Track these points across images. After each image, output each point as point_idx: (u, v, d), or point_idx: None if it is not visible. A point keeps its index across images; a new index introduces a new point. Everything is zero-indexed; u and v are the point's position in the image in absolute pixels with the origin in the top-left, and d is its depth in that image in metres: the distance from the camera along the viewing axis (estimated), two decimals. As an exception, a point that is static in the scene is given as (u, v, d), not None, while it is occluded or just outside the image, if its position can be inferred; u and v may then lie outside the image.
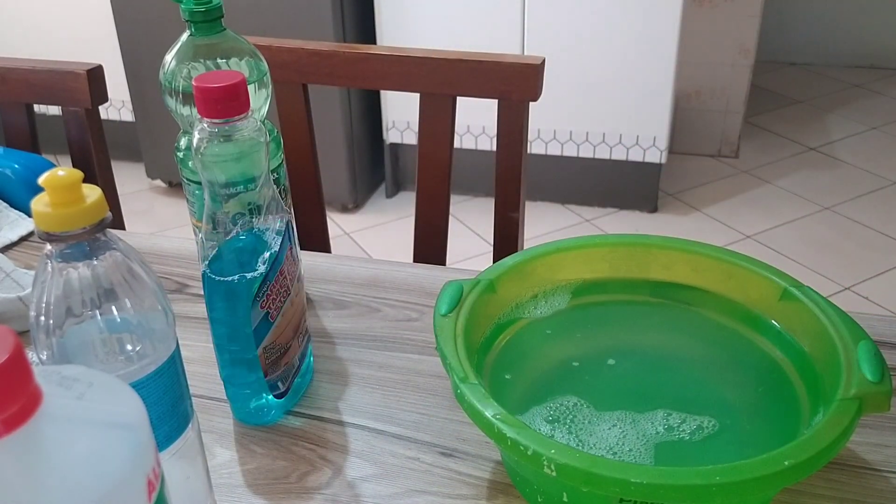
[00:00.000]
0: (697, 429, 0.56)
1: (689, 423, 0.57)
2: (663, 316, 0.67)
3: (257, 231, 0.59)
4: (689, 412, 0.57)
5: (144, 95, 2.42)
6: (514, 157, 1.00)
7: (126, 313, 0.45)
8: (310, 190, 1.08)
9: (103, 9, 2.38)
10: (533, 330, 0.65)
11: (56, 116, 1.07)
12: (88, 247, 0.43)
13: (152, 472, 0.34)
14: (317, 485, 0.59)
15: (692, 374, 0.63)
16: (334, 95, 2.23)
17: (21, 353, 0.29)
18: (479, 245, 2.25)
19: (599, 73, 2.21)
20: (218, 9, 0.64)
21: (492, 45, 2.17)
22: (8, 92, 1.05)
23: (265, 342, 0.60)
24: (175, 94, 0.65)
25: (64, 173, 0.41)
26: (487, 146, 2.36)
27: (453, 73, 0.97)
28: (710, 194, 2.51)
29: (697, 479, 0.45)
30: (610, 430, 0.57)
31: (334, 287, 0.82)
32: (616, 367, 0.63)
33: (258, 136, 0.56)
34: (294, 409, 0.66)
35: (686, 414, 0.57)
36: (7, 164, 0.95)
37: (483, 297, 0.62)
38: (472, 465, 0.60)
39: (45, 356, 0.44)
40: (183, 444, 0.50)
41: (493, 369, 0.61)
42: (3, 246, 0.88)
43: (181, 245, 0.89)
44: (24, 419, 0.29)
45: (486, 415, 0.50)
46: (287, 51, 1.01)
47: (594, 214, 2.44)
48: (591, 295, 0.68)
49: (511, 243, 1.04)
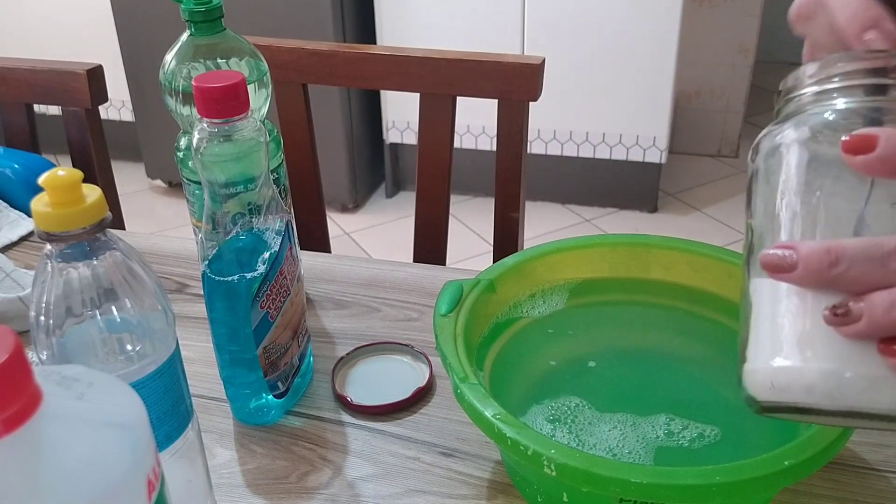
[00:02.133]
0: (699, 436, 0.56)
1: (691, 430, 0.56)
2: (663, 316, 0.67)
3: (257, 231, 0.59)
4: (693, 419, 0.57)
5: (144, 95, 2.42)
6: (514, 157, 1.00)
7: (126, 313, 0.45)
8: (310, 190, 1.08)
9: (103, 9, 2.38)
10: (532, 330, 0.65)
11: (56, 116, 1.07)
12: (88, 247, 0.43)
13: (152, 472, 0.34)
14: (317, 485, 0.59)
15: (692, 375, 0.63)
16: (334, 95, 2.23)
17: (21, 353, 0.29)
18: (479, 245, 2.25)
19: (599, 73, 2.21)
20: (218, 9, 0.64)
21: (492, 45, 2.17)
22: (8, 92, 1.05)
23: (265, 342, 0.60)
24: (175, 94, 0.65)
25: (64, 173, 0.41)
26: (487, 146, 2.36)
27: (453, 73, 0.97)
28: (710, 194, 2.51)
29: (697, 479, 0.45)
30: (610, 431, 0.57)
31: (334, 287, 0.82)
32: (617, 368, 0.63)
33: (258, 136, 0.56)
34: (294, 409, 0.66)
35: (689, 420, 0.57)
36: (7, 164, 0.95)
37: (483, 297, 0.62)
38: (472, 465, 0.60)
39: (45, 356, 0.44)
40: (183, 444, 0.50)
41: (492, 369, 0.61)
42: (3, 246, 0.88)
43: (181, 245, 0.89)
44: (24, 419, 0.29)
45: (486, 415, 0.50)
46: (287, 51, 1.01)
47: (594, 214, 2.44)
48: (591, 295, 0.68)
49: (511, 243, 1.04)
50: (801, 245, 0.36)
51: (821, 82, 0.40)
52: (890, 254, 0.34)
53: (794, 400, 0.36)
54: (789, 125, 0.40)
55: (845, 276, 0.35)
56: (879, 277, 0.34)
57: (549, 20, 2.16)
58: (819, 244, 0.35)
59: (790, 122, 0.40)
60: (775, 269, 0.36)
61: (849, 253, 0.35)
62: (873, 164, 0.35)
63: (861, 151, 0.35)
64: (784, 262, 0.36)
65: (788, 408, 0.37)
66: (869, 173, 0.35)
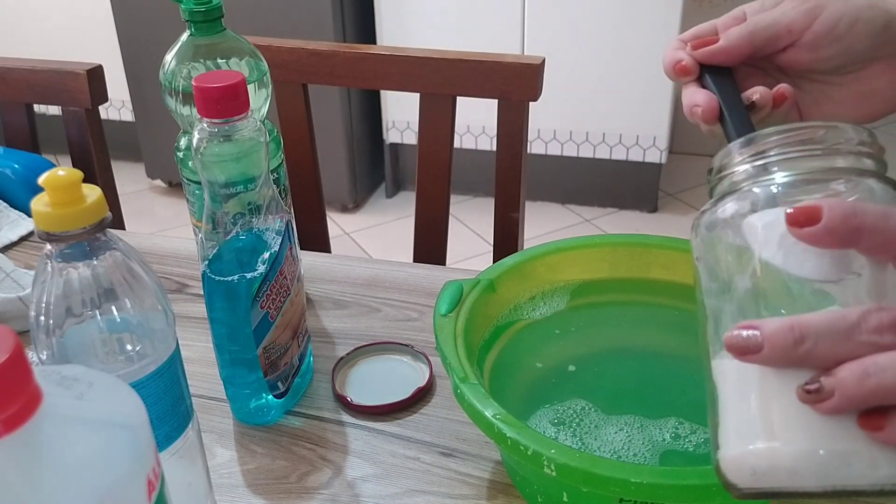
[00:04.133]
0: (705, 442, 0.55)
1: (699, 434, 0.56)
2: (664, 316, 0.67)
3: (257, 231, 0.59)
4: (702, 423, 0.56)
5: (144, 95, 2.42)
6: (514, 157, 1.00)
7: (126, 313, 0.45)
8: (310, 190, 1.08)
9: (103, 9, 2.38)
10: (533, 331, 0.65)
11: (56, 116, 1.07)
12: (88, 247, 0.43)
13: (152, 472, 0.34)
14: (317, 485, 0.59)
15: (696, 376, 0.63)
16: (334, 95, 2.23)
17: (21, 353, 0.29)
18: (479, 245, 2.25)
19: (599, 73, 2.21)
20: (218, 9, 0.64)
21: (492, 45, 2.17)
22: (8, 92, 1.05)
23: (265, 342, 0.60)
24: (175, 94, 0.65)
25: (64, 173, 0.41)
26: (487, 146, 2.36)
27: (453, 73, 0.97)
28: (710, 194, 2.51)
29: (697, 479, 0.45)
30: (616, 434, 0.56)
31: (334, 287, 0.82)
32: (621, 370, 0.63)
33: (258, 136, 0.56)
34: (294, 409, 0.66)
35: (697, 425, 0.57)
36: (7, 164, 0.95)
37: (483, 297, 0.62)
38: (472, 465, 0.60)
39: (45, 356, 0.44)
40: (183, 444, 0.50)
41: (492, 372, 0.61)
42: (3, 246, 0.88)
43: (181, 245, 0.89)
44: (24, 419, 0.29)
45: (486, 415, 0.50)
46: (287, 51, 1.01)
47: (594, 214, 2.44)
48: (591, 295, 0.68)
49: (511, 243, 1.04)
50: (763, 324, 0.35)
51: (752, 158, 0.40)
52: (854, 326, 0.33)
53: (778, 484, 0.35)
54: (730, 201, 0.40)
55: (813, 353, 0.34)
56: (847, 351, 0.33)
57: (549, 20, 2.16)
58: (782, 321, 0.34)
59: (729, 198, 0.40)
60: (740, 351, 0.35)
61: (813, 328, 0.34)
62: (820, 236, 0.34)
63: (807, 224, 0.34)
64: (748, 343, 0.35)
65: (773, 492, 0.35)
66: (817, 245, 0.35)
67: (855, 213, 0.34)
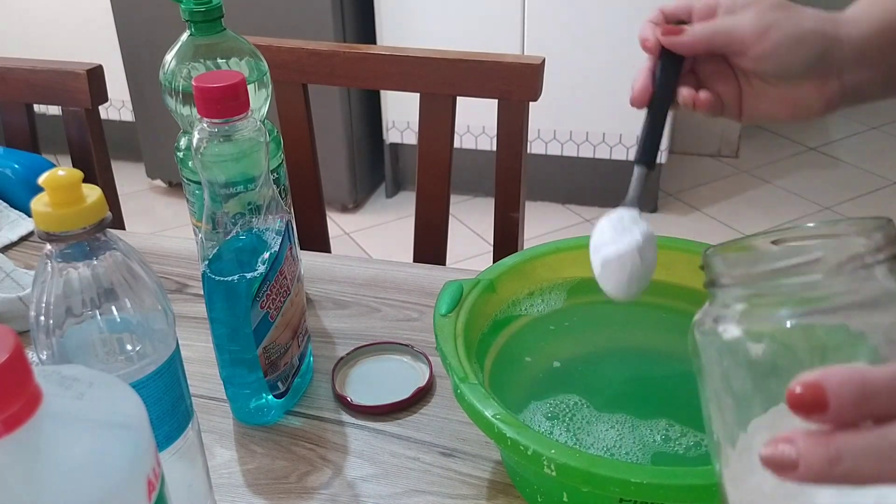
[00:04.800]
0: (695, 445, 0.56)
1: (689, 437, 0.56)
2: (663, 316, 0.67)
3: (257, 231, 0.59)
4: (692, 427, 0.57)
5: (144, 95, 2.42)
6: (514, 157, 1.00)
7: (126, 313, 0.45)
8: (310, 190, 1.08)
9: (103, 9, 2.38)
10: (532, 327, 0.65)
11: (56, 116, 1.07)
12: (88, 247, 0.43)
13: (152, 472, 0.34)
14: (317, 485, 0.59)
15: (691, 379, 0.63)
16: (334, 95, 2.23)
17: (21, 353, 0.29)
18: (479, 245, 2.25)
19: (599, 73, 2.21)
20: (218, 9, 0.64)
21: (492, 45, 2.17)
22: (8, 92, 1.05)
23: (265, 342, 0.60)
24: (175, 94, 0.65)
25: (64, 173, 0.41)
26: (487, 146, 2.36)
27: (453, 73, 0.97)
28: (710, 194, 2.51)
29: (697, 479, 0.45)
30: (608, 431, 0.57)
31: (334, 287, 0.82)
32: (616, 368, 0.63)
33: (258, 136, 0.56)
34: (294, 409, 0.66)
35: (688, 428, 0.57)
36: (7, 164, 0.95)
37: (483, 297, 0.62)
38: (472, 465, 0.60)
39: (45, 356, 0.44)
40: (183, 444, 0.50)
41: (492, 367, 0.61)
42: (3, 246, 0.88)
43: (181, 245, 0.89)
44: (24, 419, 0.29)
45: (486, 415, 0.50)
46: (287, 51, 1.01)
47: (594, 214, 2.44)
48: (590, 294, 0.68)
49: (511, 243, 1.03)
50: (799, 438, 0.31)
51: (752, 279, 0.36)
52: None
53: None
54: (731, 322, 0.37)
55: (852, 475, 0.30)
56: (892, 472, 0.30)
57: (549, 20, 2.16)
58: (817, 437, 0.31)
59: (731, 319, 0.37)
60: (778, 466, 0.31)
61: (850, 447, 0.30)
62: (828, 423, 0.31)
63: (814, 412, 0.31)
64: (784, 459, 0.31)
65: None
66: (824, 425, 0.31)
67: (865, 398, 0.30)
